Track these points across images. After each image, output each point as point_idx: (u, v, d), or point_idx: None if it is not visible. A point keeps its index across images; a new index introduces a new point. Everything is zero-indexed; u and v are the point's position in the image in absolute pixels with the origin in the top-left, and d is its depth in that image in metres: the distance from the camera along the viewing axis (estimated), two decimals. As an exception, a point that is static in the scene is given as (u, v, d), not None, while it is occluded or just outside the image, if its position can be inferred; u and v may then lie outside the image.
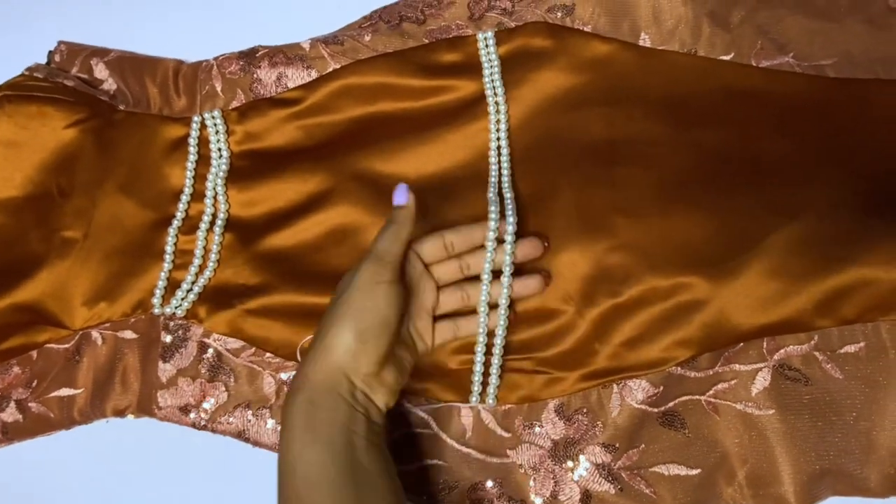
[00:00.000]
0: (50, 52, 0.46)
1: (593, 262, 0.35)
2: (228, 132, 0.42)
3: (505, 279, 0.34)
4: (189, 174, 0.41)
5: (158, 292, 0.39)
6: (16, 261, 0.39)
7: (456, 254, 0.35)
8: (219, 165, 0.41)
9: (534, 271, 0.36)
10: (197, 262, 0.40)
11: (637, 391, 0.35)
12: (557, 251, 0.36)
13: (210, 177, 0.41)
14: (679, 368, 0.34)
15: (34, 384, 0.39)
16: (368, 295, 0.30)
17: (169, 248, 0.40)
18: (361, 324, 0.29)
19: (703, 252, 0.34)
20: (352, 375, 0.29)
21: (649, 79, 0.39)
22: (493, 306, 0.35)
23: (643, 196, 0.36)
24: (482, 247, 0.35)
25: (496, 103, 0.40)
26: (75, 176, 0.41)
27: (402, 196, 0.32)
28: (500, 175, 0.38)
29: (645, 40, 0.40)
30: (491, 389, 0.36)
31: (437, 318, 0.35)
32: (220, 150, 0.42)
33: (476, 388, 0.36)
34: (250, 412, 0.38)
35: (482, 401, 0.36)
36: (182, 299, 0.39)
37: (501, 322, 0.35)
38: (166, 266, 0.40)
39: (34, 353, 0.40)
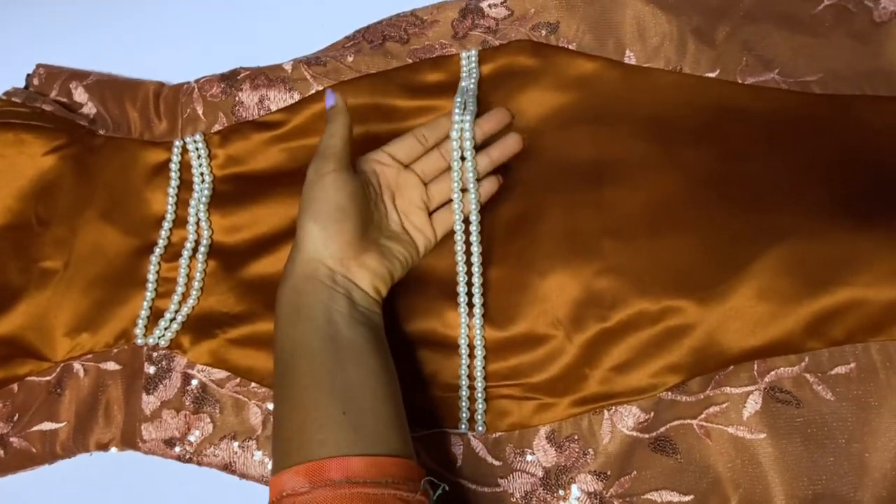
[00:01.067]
0: (28, 75, 0.45)
1: (582, 285, 0.35)
2: (210, 156, 0.41)
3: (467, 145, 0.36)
4: (171, 200, 0.40)
5: (141, 322, 0.38)
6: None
7: (432, 145, 0.37)
8: (201, 191, 0.41)
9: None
10: (180, 290, 0.39)
11: (627, 417, 0.34)
12: (545, 275, 0.35)
13: (192, 202, 0.40)
14: (669, 393, 0.34)
15: (15, 418, 0.38)
16: (317, 187, 0.32)
17: (151, 277, 0.39)
18: (318, 213, 0.32)
19: (692, 275, 0.34)
20: (326, 260, 0.32)
21: (635, 97, 0.39)
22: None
23: (631, 218, 0.36)
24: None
25: (463, 104, 0.38)
26: (55, 204, 0.40)
27: (330, 99, 0.35)
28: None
29: (630, 58, 0.40)
30: (479, 416, 0.36)
31: (437, 210, 0.37)
32: (202, 174, 0.41)
33: (464, 414, 0.36)
34: (237, 444, 0.37)
35: (471, 428, 0.36)
36: (165, 329, 0.38)
37: (474, 208, 0.36)
38: (149, 295, 0.39)
39: (15, 387, 0.39)
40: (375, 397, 0.29)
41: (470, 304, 0.36)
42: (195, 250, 0.40)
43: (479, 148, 0.37)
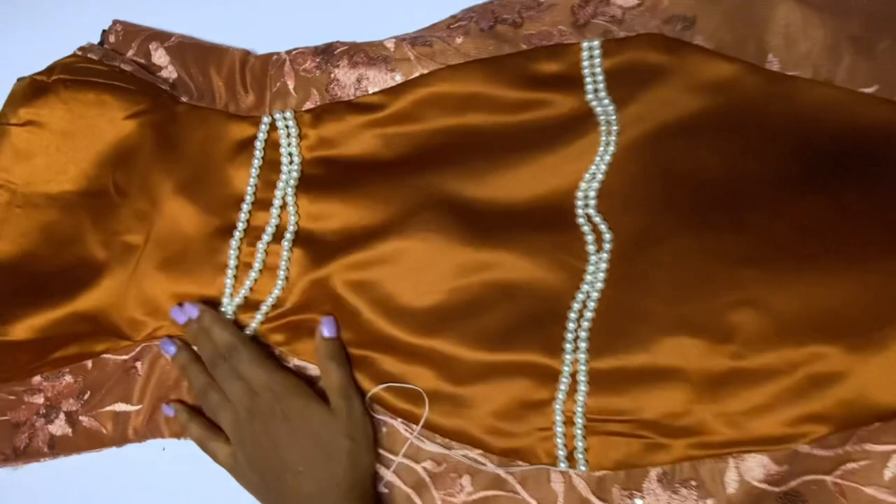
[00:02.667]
0: (104, 31, 0.42)
1: (713, 316, 0.31)
2: (301, 136, 0.38)
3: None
4: (252, 180, 0.37)
5: (228, 307, 0.36)
6: (75, 264, 0.36)
7: None
8: (289, 172, 0.37)
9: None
10: (253, 275, 0.36)
11: (757, 468, 0.31)
12: (672, 302, 0.32)
13: (280, 184, 0.37)
14: (807, 446, 0.30)
15: (87, 396, 0.36)
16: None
17: (232, 262, 0.36)
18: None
19: (843, 318, 0.30)
20: None
21: (777, 108, 0.35)
22: None
23: (773, 246, 0.32)
24: None
25: (608, 122, 0.36)
26: (133, 173, 0.37)
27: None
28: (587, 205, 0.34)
29: (773, 63, 0.36)
30: (579, 454, 0.32)
31: None
32: (290, 154, 0.38)
33: (560, 451, 0.32)
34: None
35: (572, 465, 0.33)
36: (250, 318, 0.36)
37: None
38: (229, 281, 0.36)
39: (89, 363, 0.36)
40: None
41: (578, 330, 0.33)
42: (278, 235, 0.37)
43: None
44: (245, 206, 0.37)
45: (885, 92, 0.34)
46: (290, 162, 0.38)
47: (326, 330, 0.34)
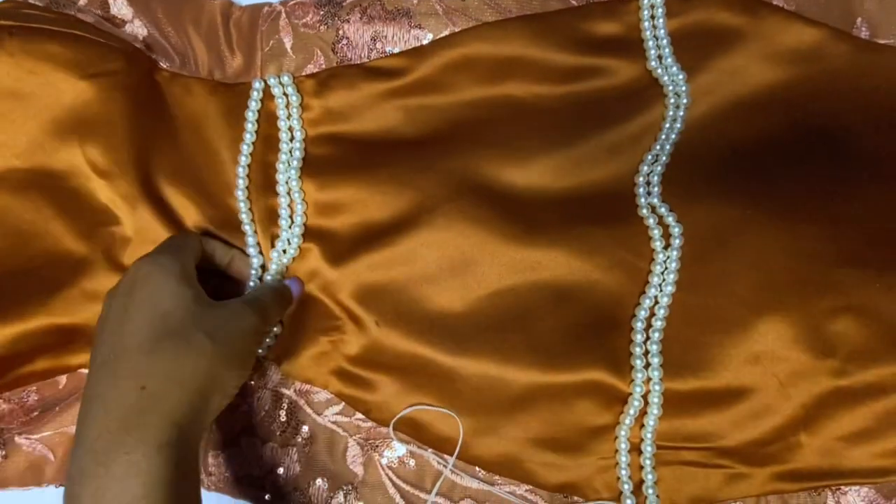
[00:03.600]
0: (48, -25, 0.34)
1: (808, 325, 0.26)
2: (302, 105, 0.31)
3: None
4: (244, 160, 0.30)
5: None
6: (41, 263, 0.28)
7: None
8: (290, 152, 0.30)
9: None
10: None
11: (859, 503, 0.27)
12: (759, 309, 0.27)
13: (280, 167, 0.30)
14: (919, 477, 0.27)
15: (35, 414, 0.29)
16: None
17: (255, 261, 0.29)
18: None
19: (965, 328, 0.26)
20: None
21: (866, 82, 0.30)
22: None
23: (873, 243, 0.27)
24: None
25: (676, 94, 0.30)
26: (113, 150, 0.29)
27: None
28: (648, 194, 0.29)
29: (862, 29, 0.31)
30: (649, 488, 0.27)
31: None
32: (291, 129, 0.31)
33: (625, 485, 0.28)
34: (327, 490, 0.29)
35: (640, 501, 0.28)
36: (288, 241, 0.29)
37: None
38: (254, 273, 0.29)
39: (62, 379, 0.30)
40: None
41: (647, 343, 0.28)
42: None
43: None
44: (240, 194, 0.30)
45: None
46: (291, 139, 0.31)
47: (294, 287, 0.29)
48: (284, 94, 0.31)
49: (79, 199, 0.29)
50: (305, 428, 0.29)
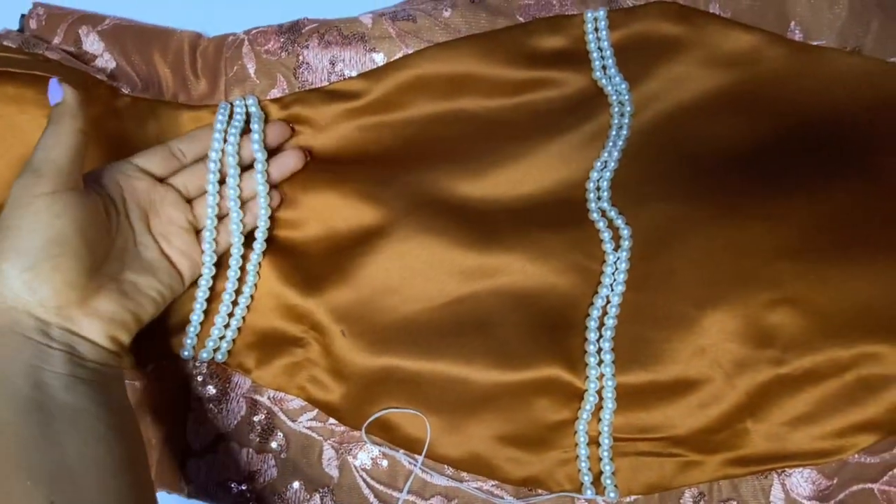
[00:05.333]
0: (23, 15, 0.36)
1: (749, 318, 0.28)
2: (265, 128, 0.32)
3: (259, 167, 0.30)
4: (212, 177, 0.31)
5: (192, 330, 0.30)
6: None
7: (190, 161, 0.31)
8: (259, 169, 0.31)
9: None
10: (231, 287, 0.31)
11: (804, 484, 0.28)
12: (703, 305, 0.28)
13: (231, 181, 0.31)
14: (857, 456, 0.28)
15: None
16: (24, 212, 0.25)
17: (207, 271, 0.31)
18: (23, 248, 0.24)
19: (894, 314, 0.27)
20: (33, 309, 0.25)
21: (802, 82, 0.32)
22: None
23: (812, 236, 0.29)
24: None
25: (620, 103, 0.32)
26: None
27: (55, 92, 0.27)
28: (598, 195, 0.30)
29: (796, 32, 0.33)
30: (607, 479, 0.29)
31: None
32: (260, 146, 0.32)
33: (585, 476, 0.29)
34: (304, 491, 0.30)
35: (599, 491, 0.29)
36: (220, 338, 0.30)
37: (263, 213, 0.31)
38: (201, 296, 0.30)
39: None
40: (105, 469, 0.23)
41: (600, 341, 0.29)
42: (248, 243, 0.31)
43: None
44: (209, 211, 0.31)
45: (918, 60, 0.32)
46: (262, 155, 0.32)
47: (51, 95, 0.27)
48: (248, 112, 0.32)
49: None
50: (281, 434, 0.30)
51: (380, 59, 0.32)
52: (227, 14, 0.35)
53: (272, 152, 0.32)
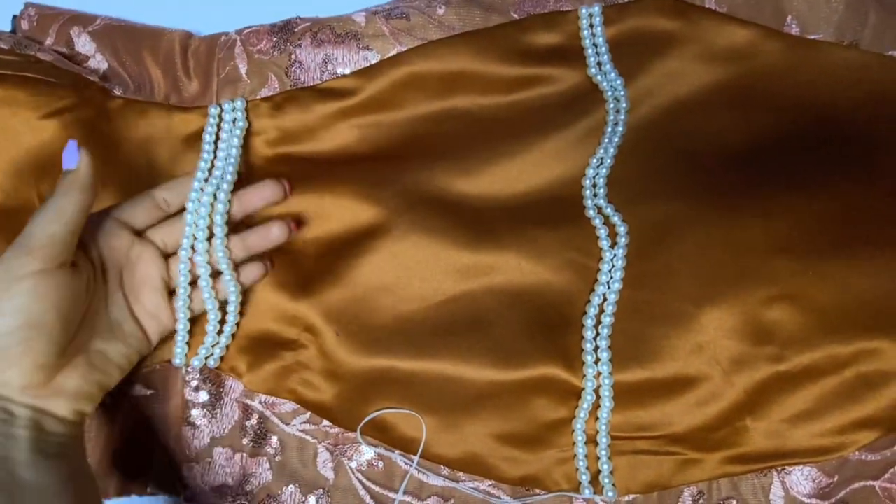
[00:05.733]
0: (15, 16, 0.35)
1: (747, 315, 0.28)
2: (250, 130, 0.32)
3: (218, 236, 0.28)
4: (198, 184, 0.31)
5: (181, 339, 0.30)
6: None
7: (175, 211, 0.30)
8: (222, 175, 0.30)
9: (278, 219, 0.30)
10: (213, 309, 0.30)
11: (805, 482, 0.28)
12: (701, 302, 0.28)
13: (208, 187, 0.30)
14: (858, 453, 0.28)
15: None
16: (4, 294, 0.24)
17: (183, 279, 0.30)
18: None
19: (893, 309, 0.27)
20: (0, 390, 0.24)
21: (798, 77, 0.31)
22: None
23: (809, 232, 0.28)
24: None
25: (615, 99, 0.32)
26: None
27: (71, 156, 0.25)
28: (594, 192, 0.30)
29: (792, 26, 0.32)
30: (605, 478, 0.29)
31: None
32: (231, 148, 0.31)
33: (583, 476, 0.29)
34: (300, 494, 0.30)
35: (597, 491, 0.29)
36: (213, 346, 0.30)
37: (232, 289, 0.29)
38: (182, 303, 0.30)
39: None
40: None
41: (597, 339, 0.29)
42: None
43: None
44: (189, 217, 0.30)
45: (916, 53, 0.31)
46: (227, 157, 0.31)
47: (66, 161, 0.25)
48: (234, 119, 0.32)
49: None
50: (275, 437, 0.30)
51: (373, 57, 0.32)
52: (218, 12, 0.35)
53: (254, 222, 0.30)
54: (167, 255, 0.30)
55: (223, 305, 0.30)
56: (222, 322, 0.30)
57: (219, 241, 0.29)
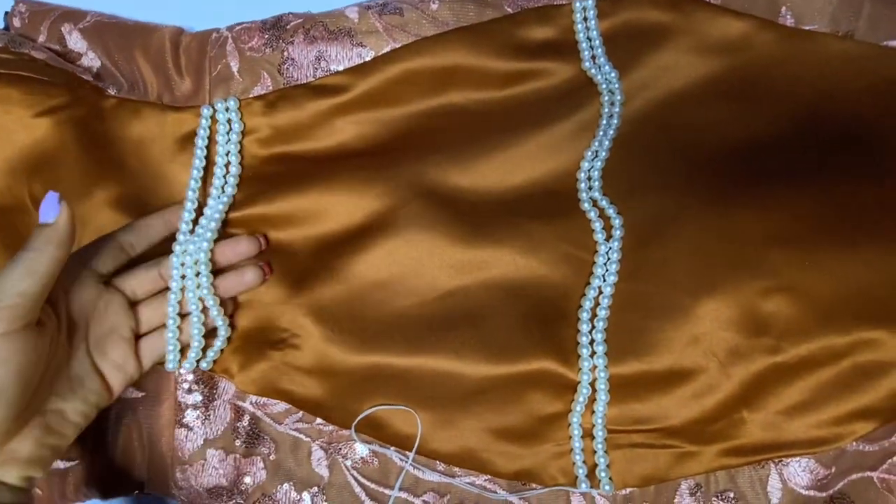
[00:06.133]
0: (6, 13, 0.35)
1: (743, 306, 0.28)
2: (245, 130, 0.32)
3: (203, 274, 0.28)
4: (194, 185, 0.31)
5: (171, 338, 0.29)
6: None
7: (139, 252, 0.29)
8: (224, 178, 0.31)
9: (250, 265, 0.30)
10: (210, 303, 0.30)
11: (802, 473, 0.28)
12: (697, 294, 0.28)
13: (213, 191, 0.31)
14: (855, 444, 0.27)
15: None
16: None
17: (175, 284, 0.30)
18: None
19: (890, 299, 0.27)
20: None
21: (794, 68, 0.31)
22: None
23: (804, 223, 0.28)
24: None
25: (610, 92, 0.31)
26: (55, 182, 0.31)
27: (49, 208, 0.24)
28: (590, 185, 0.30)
29: (787, 17, 0.32)
30: (602, 472, 0.29)
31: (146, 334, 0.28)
32: (228, 153, 0.31)
33: (580, 469, 0.29)
34: (294, 492, 0.30)
35: (594, 485, 0.29)
36: (203, 349, 0.30)
37: (221, 326, 0.29)
38: (171, 310, 0.29)
39: None
40: None
41: (592, 332, 0.29)
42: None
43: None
44: (186, 215, 0.30)
45: (910, 43, 0.31)
46: (227, 164, 0.31)
47: (43, 214, 0.23)
48: (228, 119, 0.32)
49: (18, 233, 0.30)
50: (268, 437, 0.30)
51: (367, 53, 0.32)
52: (209, 7, 0.35)
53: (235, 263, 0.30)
54: (135, 302, 0.28)
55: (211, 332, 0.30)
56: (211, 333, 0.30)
57: (204, 279, 0.29)
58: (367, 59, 0.32)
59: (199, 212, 0.31)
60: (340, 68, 0.32)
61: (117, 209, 0.31)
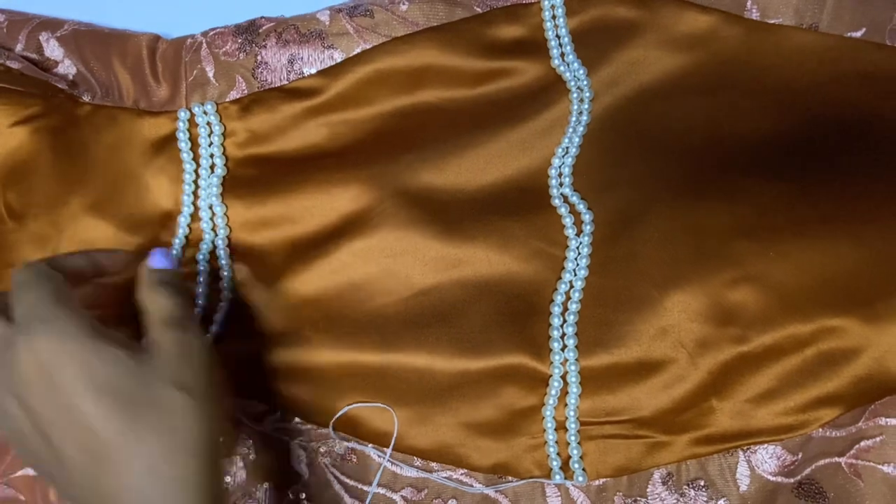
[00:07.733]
0: (-16, 24, 0.36)
1: (710, 298, 0.28)
2: (225, 132, 0.33)
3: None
4: (188, 188, 0.31)
5: None
6: None
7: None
8: (209, 178, 0.32)
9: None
10: (199, 302, 0.31)
11: (770, 460, 0.28)
12: (664, 286, 0.29)
13: (202, 193, 0.32)
14: (821, 430, 0.28)
15: (-5, 461, 0.31)
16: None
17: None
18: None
19: (853, 287, 0.27)
20: None
21: (760, 61, 0.32)
22: None
23: (769, 214, 0.29)
24: None
25: (579, 89, 0.32)
26: (30, 191, 0.31)
27: (161, 260, 0.26)
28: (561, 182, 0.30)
29: (752, 11, 0.32)
30: (575, 463, 0.29)
31: None
32: (212, 156, 0.32)
33: (554, 461, 0.29)
34: (274, 489, 0.30)
35: (568, 476, 0.29)
36: None
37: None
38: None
39: None
40: None
41: (564, 326, 0.29)
42: (214, 253, 0.32)
43: None
44: (182, 220, 0.31)
45: (873, 34, 0.31)
46: (212, 165, 0.32)
47: (156, 260, 0.25)
48: (208, 122, 0.32)
49: None
50: (247, 438, 0.30)
51: (338, 55, 0.32)
52: (184, 14, 0.35)
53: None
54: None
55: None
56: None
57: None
58: (339, 60, 0.32)
59: (193, 216, 0.32)
60: (313, 71, 0.32)
61: (94, 215, 0.31)
